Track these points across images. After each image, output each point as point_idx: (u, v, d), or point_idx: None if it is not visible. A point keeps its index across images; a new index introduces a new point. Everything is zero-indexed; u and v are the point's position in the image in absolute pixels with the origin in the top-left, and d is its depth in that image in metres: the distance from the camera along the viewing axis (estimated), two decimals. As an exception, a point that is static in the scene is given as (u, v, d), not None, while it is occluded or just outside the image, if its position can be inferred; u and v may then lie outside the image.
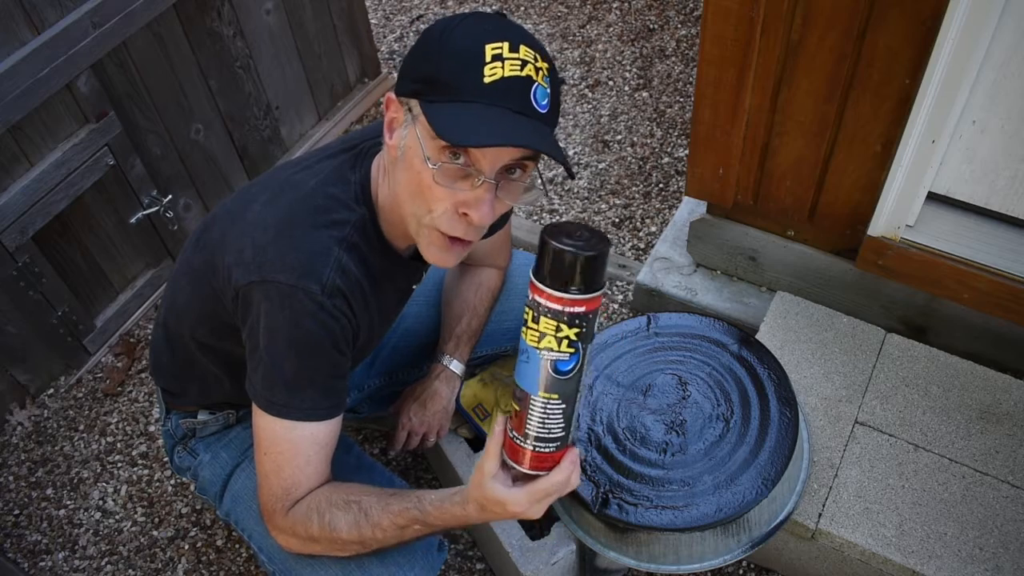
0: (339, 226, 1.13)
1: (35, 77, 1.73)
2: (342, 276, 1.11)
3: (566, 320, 0.90)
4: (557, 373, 0.93)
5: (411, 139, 1.04)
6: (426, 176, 1.03)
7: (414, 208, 1.08)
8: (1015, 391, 1.60)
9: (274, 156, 2.54)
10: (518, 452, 1.02)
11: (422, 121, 1.01)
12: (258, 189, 1.20)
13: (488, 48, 0.98)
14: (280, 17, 2.36)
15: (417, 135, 1.03)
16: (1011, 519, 1.44)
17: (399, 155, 1.08)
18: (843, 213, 1.71)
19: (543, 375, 0.93)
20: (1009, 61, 1.38)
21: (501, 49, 0.98)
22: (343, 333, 1.13)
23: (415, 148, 1.03)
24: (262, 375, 1.12)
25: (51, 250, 1.96)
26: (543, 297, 0.89)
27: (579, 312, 0.90)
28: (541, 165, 1.38)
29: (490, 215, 1.05)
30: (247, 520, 1.38)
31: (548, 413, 0.97)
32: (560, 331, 0.91)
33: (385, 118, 1.09)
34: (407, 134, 1.05)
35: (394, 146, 1.08)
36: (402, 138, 1.06)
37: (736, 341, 1.57)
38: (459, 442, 1.66)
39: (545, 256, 0.88)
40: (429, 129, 1.00)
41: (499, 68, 0.98)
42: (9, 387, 2.04)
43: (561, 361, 0.92)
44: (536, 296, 0.90)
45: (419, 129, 1.02)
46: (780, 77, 1.56)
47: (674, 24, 3.00)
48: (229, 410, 1.44)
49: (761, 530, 1.41)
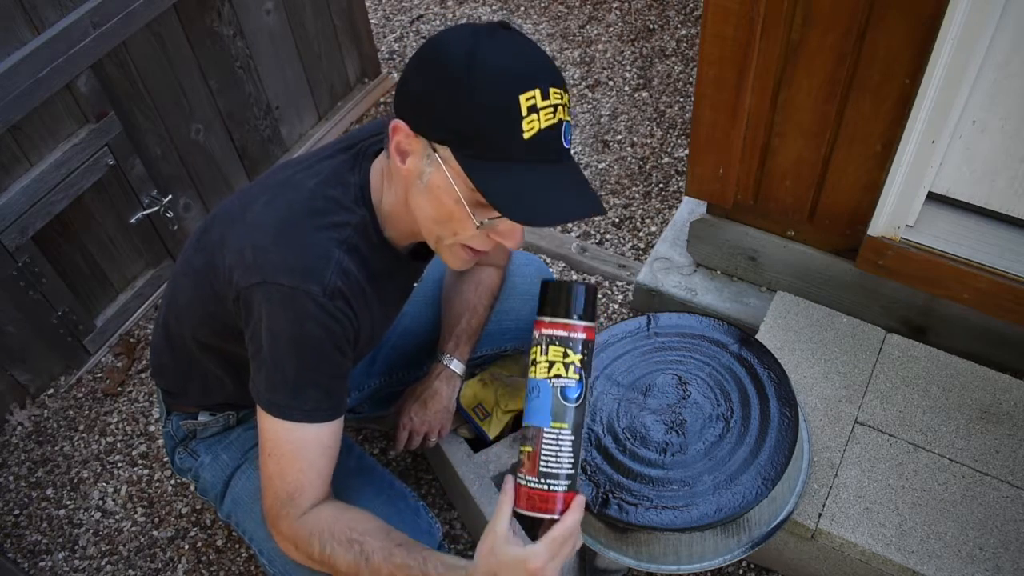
0: (340, 228, 1.14)
1: (35, 77, 1.73)
2: (343, 277, 1.12)
3: (572, 346, 1.03)
4: (566, 400, 1.03)
5: (439, 179, 1.04)
6: (458, 212, 1.05)
7: (440, 232, 1.11)
8: (1015, 391, 1.60)
9: (274, 156, 2.54)
10: (531, 496, 1.05)
11: (455, 168, 1.02)
12: (257, 190, 1.21)
13: (523, 100, 0.98)
14: (280, 17, 2.36)
15: (448, 178, 1.03)
16: (1011, 519, 1.44)
17: (419, 183, 1.07)
18: (843, 213, 1.71)
19: (553, 404, 1.02)
20: (1009, 61, 1.38)
21: (534, 99, 0.98)
22: (344, 334, 1.13)
23: (446, 188, 1.04)
24: (264, 377, 1.12)
25: (51, 250, 1.96)
26: (551, 328, 1.03)
27: (582, 339, 1.04)
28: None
29: (522, 239, 1.11)
30: (248, 523, 1.38)
31: (560, 444, 1.03)
32: (567, 356, 1.03)
33: (392, 141, 1.07)
34: (432, 172, 1.05)
35: (410, 171, 1.08)
36: (424, 173, 1.06)
37: (736, 341, 1.57)
38: (459, 442, 1.66)
39: (550, 292, 1.05)
40: (467, 181, 1.01)
41: (536, 121, 0.99)
42: (9, 387, 2.04)
43: (569, 388, 1.03)
44: (543, 330, 1.04)
45: (450, 173, 1.03)
46: (780, 77, 1.56)
47: (674, 24, 3.00)
48: (229, 411, 1.44)
49: (761, 530, 1.41)
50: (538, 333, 1.04)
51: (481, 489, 1.57)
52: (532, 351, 1.05)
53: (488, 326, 1.62)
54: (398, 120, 1.05)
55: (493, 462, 1.62)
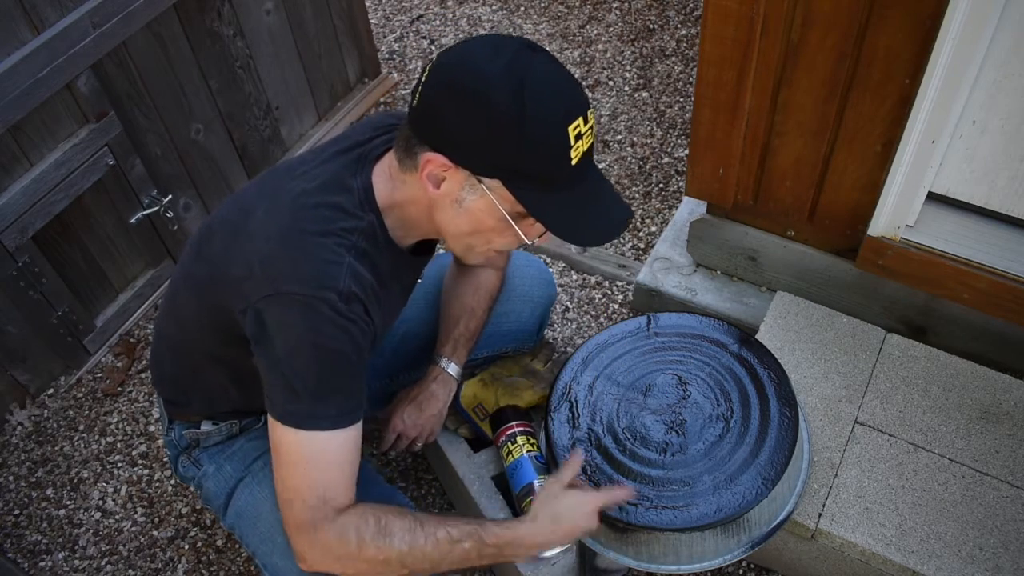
0: (347, 234, 1.13)
1: (35, 77, 1.73)
2: (356, 282, 1.11)
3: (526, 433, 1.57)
4: (538, 460, 1.53)
5: (484, 204, 1.09)
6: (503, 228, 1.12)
7: (474, 241, 1.17)
8: (1015, 391, 1.60)
9: (274, 156, 2.54)
10: None
11: (505, 195, 1.07)
12: (255, 197, 1.19)
13: (571, 131, 1.03)
14: (280, 17, 2.36)
15: (495, 203, 1.08)
16: (1011, 519, 1.44)
17: (456, 206, 1.11)
18: (843, 213, 1.71)
19: (533, 465, 1.52)
20: (1009, 61, 1.38)
21: (579, 127, 1.04)
22: (363, 337, 1.13)
23: (490, 211, 1.09)
24: (283, 389, 1.10)
25: (51, 250, 1.96)
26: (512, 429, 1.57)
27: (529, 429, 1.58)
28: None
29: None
30: (251, 537, 1.36)
31: None
32: (528, 439, 1.56)
33: (423, 170, 1.08)
34: (476, 199, 1.09)
35: (444, 195, 1.10)
36: (465, 199, 1.09)
37: (736, 341, 1.57)
38: (459, 442, 1.66)
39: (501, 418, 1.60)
40: (515, 204, 1.07)
41: (581, 147, 1.06)
42: (9, 387, 2.04)
43: (537, 454, 1.54)
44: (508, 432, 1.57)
45: (496, 198, 1.08)
46: (780, 77, 1.56)
47: (674, 24, 3.00)
48: (233, 420, 1.42)
49: (761, 530, 1.41)
50: (504, 436, 1.56)
51: (481, 489, 1.57)
52: (505, 448, 1.55)
53: (488, 327, 1.62)
54: (432, 154, 1.06)
55: (493, 462, 1.62)
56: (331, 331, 1.08)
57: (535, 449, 1.54)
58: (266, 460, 1.37)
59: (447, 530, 1.17)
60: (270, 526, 1.31)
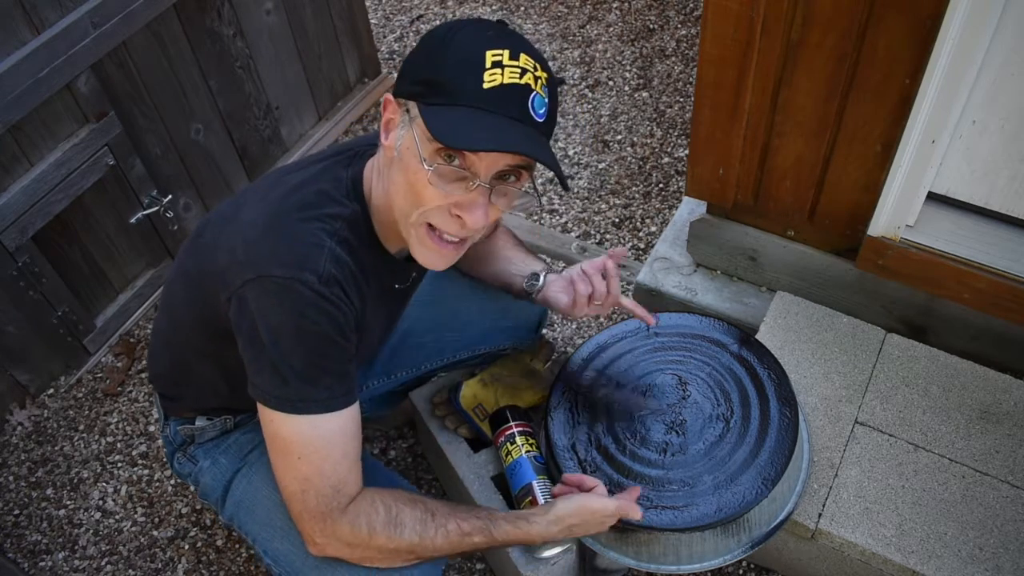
0: (330, 219, 1.14)
1: (35, 77, 1.73)
2: (336, 265, 1.11)
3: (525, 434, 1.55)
4: (537, 461, 1.51)
5: (408, 140, 1.06)
6: (421, 176, 1.05)
7: (405, 206, 1.10)
8: (1015, 391, 1.60)
9: (274, 156, 2.54)
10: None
11: (419, 123, 1.03)
12: (249, 193, 1.21)
13: (489, 55, 1.01)
14: (280, 17, 2.36)
15: (414, 137, 1.05)
16: (1011, 519, 1.44)
17: (395, 155, 1.09)
18: (843, 213, 1.71)
19: (532, 466, 1.50)
20: (1009, 61, 1.38)
21: (501, 56, 1.01)
22: (346, 320, 1.13)
23: (411, 149, 1.05)
24: (270, 374, 1.10)
25: (51, 250, 1.96)
26: (511, 430, 1.55)
27: (528, 429, 1.56)
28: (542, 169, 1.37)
29: (483, 219, 1.08)
30: (251, 524, 1.37)
31: (546, 488, 1.47)
32: (528, 440, 1.54)
33: (383, 118, 1.10)
34: (404, 135, 1.07)
35: (390, 147, 1.10)
36: (399, 139, 1.08)
37: (736, 341, 1.57)
38: (459, 442, 1.66)
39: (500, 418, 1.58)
40: (426, 131, 1.02)
41: (499, 75, 1.01)
42: (9, 387, 2.04)
43: (536, 455, 1.52)
44: (507, 432, 1.55)
45: (416, 131, 1.04)
46: (780, 77, 1.56)
47: (674, 24, 3.00)
48: (227, 415, 1.42)
49: (761, 530, 1.41)
50: (504, 436, 1.55)
51: (481, 489, 1.57)
52: (505, 448, 1.54)
53: (486, 324, 1.62)
54: (388, 93, 1.09)
55: (493, 462, 1.61)
56: (314, 314, 1.08)
57: (534, 449, 1.53)
58: (262, 450, 1.36)
59: (458, 523, 1.18)
60: (268, 511, 1.32)
